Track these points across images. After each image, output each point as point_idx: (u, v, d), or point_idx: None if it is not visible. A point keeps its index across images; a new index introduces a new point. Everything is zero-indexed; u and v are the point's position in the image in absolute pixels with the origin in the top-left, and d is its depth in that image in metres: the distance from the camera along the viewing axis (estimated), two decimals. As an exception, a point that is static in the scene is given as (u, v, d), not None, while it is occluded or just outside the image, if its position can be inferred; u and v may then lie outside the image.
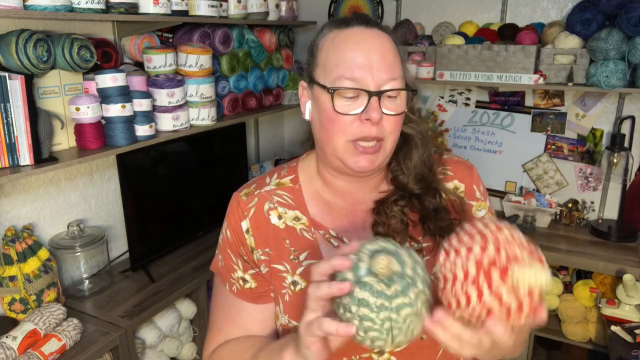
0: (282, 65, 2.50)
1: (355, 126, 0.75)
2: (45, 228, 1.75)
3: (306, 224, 0.85)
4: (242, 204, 0.88)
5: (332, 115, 0.76)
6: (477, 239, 0.59)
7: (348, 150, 0.77)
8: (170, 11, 1.74)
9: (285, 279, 0.83)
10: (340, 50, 0.76)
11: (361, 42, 0.76)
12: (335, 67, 0.76)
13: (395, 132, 0.78)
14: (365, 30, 0.77)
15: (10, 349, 1.32)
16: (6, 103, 1.33)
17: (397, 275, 0.59)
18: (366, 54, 0.75)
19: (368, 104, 0.74)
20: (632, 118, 2.14)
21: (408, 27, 2.43)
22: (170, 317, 1.87)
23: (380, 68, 0.74)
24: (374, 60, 0.74)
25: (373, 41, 0.76)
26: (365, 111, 0.74)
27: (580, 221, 2.35)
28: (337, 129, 0.76)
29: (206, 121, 1.95)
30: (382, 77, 0.75)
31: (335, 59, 0.76)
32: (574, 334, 2.15)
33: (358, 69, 0.74)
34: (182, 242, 2.12)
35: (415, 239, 0.83)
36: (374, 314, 0.58)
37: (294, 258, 0.83)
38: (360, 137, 0.75)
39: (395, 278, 0.59)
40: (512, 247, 0.58)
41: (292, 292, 0.82)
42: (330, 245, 0.84)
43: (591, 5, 2.01)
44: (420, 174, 0.84)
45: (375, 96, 0.74)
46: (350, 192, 0.86)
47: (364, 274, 0.59)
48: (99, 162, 1.91)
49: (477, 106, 2.54)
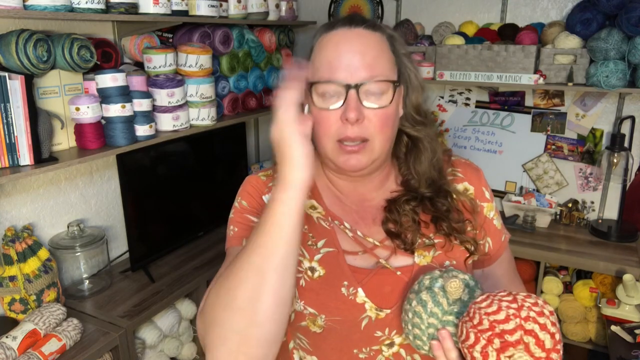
0: (282, 65, 2.50)
1: (338, 127, 0.76)
2: (45, 228, 1.75)
3: (322, 213, 0.86)
4: (261, 183, 0.88)
5: (317, 115, 0.77)
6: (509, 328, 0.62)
7: (336, 150, 0.78)
8: (170, 11, 1.74)
9: (301, 263, 0.83)
10: (322, 54, 0.78)
11: (340, 42, 0.76)
12: (317, 71, 0.77)
13: (384, 132, 0.78)
14: (348, 30, 0.77)
15: (10, 349, 1.32)
16: (6, 103, 1.33)
17: (460, 301, 0.70)
18: (344, 54, 0.75)
19: (346, 99, 0.74)
20: (632, 118, 2.14)
21: (408, 27, 2.43)
22: (170, 317, 1.87)
23: (359, 67, 0.75)
24: (352, 60, 0.75)
25: (352, 41, 0.76)
26: (344, 109, 0.75)
27: (580, 221, 2.35)
28: (323, 130, 0.77)
29: (206, 121, 1.95)
30: (360, 76, 0.75)
31: (318, 62, 0.78)
32: (574, 334, 2.15)
33: (337, 70, 0.75)
34: (182, 242, 2.12)
35: (427, 236, 0.84)
36: (425, 315, 0.70)
37: (312, 244, 0.84)
38: (343, 138, 0.76)
39: (458, 302, 0.70)
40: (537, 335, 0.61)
41: (309, 278, 0.82)
42: (345, 235, 0.84)
43: (591, 5, 2.01)
44: (431, 178, 0.85)
45: (352, 89, 0.74)
46: (356, 190, 0.87)
47: (438, 286, 0.72)
48: (99, 162, 1.91)
49: (477, 106, 2.54)
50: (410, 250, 0.82)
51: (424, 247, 0.83)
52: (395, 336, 0.80)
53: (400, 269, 0.81)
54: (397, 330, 0.80)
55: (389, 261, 0.82)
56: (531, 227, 2.29)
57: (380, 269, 0.81)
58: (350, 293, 0.79)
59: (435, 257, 0.83)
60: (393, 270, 0.81)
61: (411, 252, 0.82)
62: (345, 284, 0.80)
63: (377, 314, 0.79)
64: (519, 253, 2.12)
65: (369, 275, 0.80)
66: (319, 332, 0.81)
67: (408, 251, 0.82)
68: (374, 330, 0.80)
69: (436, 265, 0.82)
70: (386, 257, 0.83)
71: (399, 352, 0.81)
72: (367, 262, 0.82)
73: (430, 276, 0.74)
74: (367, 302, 0.79)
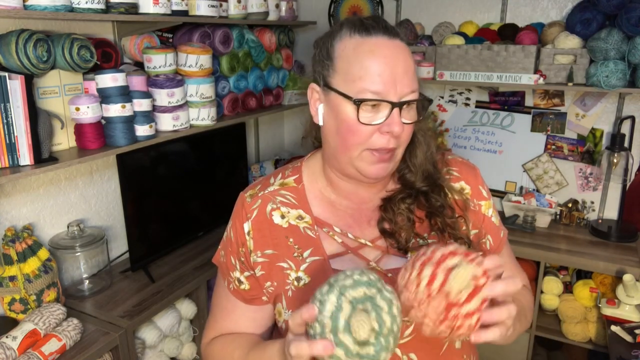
0: (282, 65, 2.50)
1: (375, 137, 0.77)
2: (45, 228, 1.75)
3: (309, 222, 0.86)
4: (246, 206, 0.89)
5: (354, 126, 0.77)
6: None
7: (365, 158, 0.79)
8: (170, 11, 1.74)
9: (288, 275, 0.84)
10: (365, 63, 0.76)
11: (387, 56, 0.76)
12: (359, 79, 0.76)
13: (408, 140, 0.81)
14: (389, 41, 0.77)
15: (10, 349, 1.32)
16: (6, 103, 1.33)
17: (373, 337, 0.61)
18: (392, 69, 0.76)
19: (390, 115, 0.76)
20: (632, 118, 2.14)
21: (408, 27, 2.43)
22: (170, 317, 1.87)
23: (403, 82, 0.76)
24: (397, 75, 0.76)
25: (397, 55, 0.77)
26: (387, 124, 0.76)
27: (580, 221, 2.35)
28: (357, 140, 0.77)
29: (206, 121, 1.94)
30: (404, 91, 0.76)
31: (359, 70, 0.76)
32: (574, 334, 2.15)
33: (383, 83, 0.75)
34: (182, 242, 2.12)
35: (421, 236, 0.84)
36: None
37: (297, 255, 0.84)
38: (379, 148, 0.77)
39: (370, 342, 0.61)
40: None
41: (295, 288, 0.82)
42: (334, 241, 0.84)
43: (591, 5, 2.01)
44: (427, 171, 0.87)
45: (397, 107, 0.75)
46: (356, 192, 0.87)
47: (342, 328, 0.60)
48: (99, 162, 1.91)
49: (477, 106, 2.54)
50: (403, 250, 0.82)
51: (419, 247, 0.83)
52: None
53: (391, 271, 0.81)
54: None
55: (380, 263, 0.82)
56: (531, 227, 2.29)
57: None
58: None
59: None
60: (383, 273, 0.81)
61: (404, 251, 0.82)
62: None
63: None
64: (519, 253, 2.12)
65: None
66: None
67: (401, 251, 0.82)
68: None
69: None
70: (377, 259, 0.83)
71: (395, 351, 0.81)
72: (356, 265, 0.82)
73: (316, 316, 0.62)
74: None
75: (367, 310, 0.62)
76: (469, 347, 0.87)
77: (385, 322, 0.62)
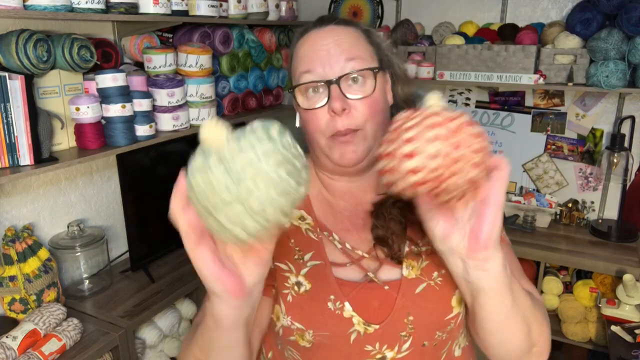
0: (282, 65, 2.50)
1: (327, 122, 0.76)
2: (45, 228, 1.75)
3: (311, 224, 0.84)
4: None
5: (304, 115, 0.78)
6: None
7: (329, 146, 0.78)
8: (170, 11, 1.74)
9: (288, 278, 0.81)
10: (298, 55, 0.80)
11: (313, 41, 0.78)
12: (295, 70, 0.79)
13: (374, 118, 0.77)
14: (320, 30, 0.79)
15: (10, 349, 1.32)
16: (6, 103, 1.33)
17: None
18: (319, 50, 0.77)
19: (329, 94, 0.75)
20: (632, 118, 2.14)
21: (408, 27, 2.43)
22: (170, 317, 1.87)
23: (335, 54, 0.76)
24: (327, 50, 0.76)
25: (325, 38, 0.78)
26: (329, 102, 0.75)
27: (580, 221, 2.35)
28: (313, 127, 0.78)
29: (206, 121, 1.94)
30: (339, 62, 0.75)
31: (295, 63, 0.80)
32: (574, 334, 2.15)
33: (311, 62, 0.76)
34: (182, 242, 2.11)
35: (415, 242, 0.81)
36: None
37: (298, 258, 0.82)
38: (334, 132, 0.76)
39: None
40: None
41: (295, 294, 0.80)
42: (334, 247, 0.82)
43: (591, 5, 2.01)
44: None
45: (333, 84, 0.74)
46: (350, 191, 0.85)
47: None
48: (99, 162, 1.91)
49: (477, 106, 2.54)
50: (397, 260, 0.79)
51: (412, 255, 0.80)
52: (386, 350, 0.77)
53: (388, 283, 0.78)
54: (387, 344, 0.77)
55: (377, 274, 0.79)
56: (531, 227, 2.29)
57: (368, 283, 0.78)
58: (337, 307, 0.77)
59: (424, 268, 0.79)
60: (381, 285, 0.78)
61: (398, 261, 0.79)
62: (332, 298, 0.77)
63: (366, 328, 0.76)
64: (519, 253, 2.12)
65: (357, 288, 0.78)
66: (308, 346, 0.78)
67: (395, 260, 0.79)
68: (364, 344, 0.77)
69: (425, 278, 0.78)
70: (374, 269, 0.80)
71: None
72: (356, 275, 0.80)
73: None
74: (355, 317, 0.76)
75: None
76: (469, 352, 0.87)
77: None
